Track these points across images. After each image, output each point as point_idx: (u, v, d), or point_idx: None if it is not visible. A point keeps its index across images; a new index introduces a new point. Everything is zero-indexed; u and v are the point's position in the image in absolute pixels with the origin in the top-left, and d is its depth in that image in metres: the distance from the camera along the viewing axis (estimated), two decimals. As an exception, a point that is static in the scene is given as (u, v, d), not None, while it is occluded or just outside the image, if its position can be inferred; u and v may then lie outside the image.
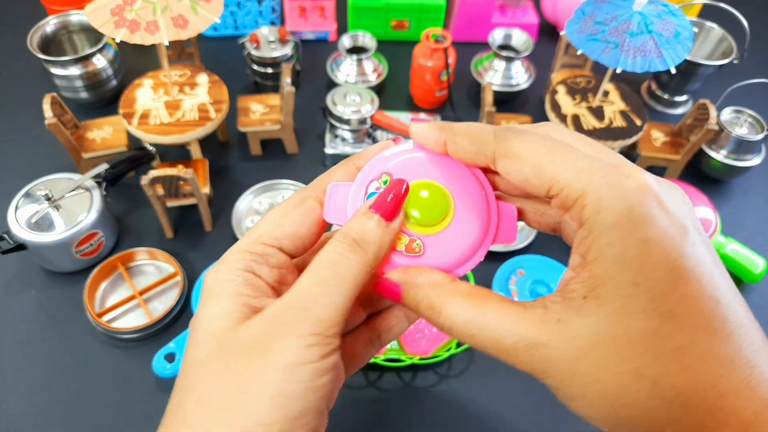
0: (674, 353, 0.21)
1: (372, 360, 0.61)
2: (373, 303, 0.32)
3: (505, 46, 0.92)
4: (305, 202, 0.29)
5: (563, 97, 0.77)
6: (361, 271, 0.26)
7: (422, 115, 0.85)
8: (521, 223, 0.31)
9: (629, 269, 0.22)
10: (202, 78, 0.76)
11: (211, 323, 0.25)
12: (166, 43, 0.63)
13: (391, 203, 0.27)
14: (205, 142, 0.81)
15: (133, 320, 0.66)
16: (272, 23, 1.01)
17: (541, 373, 0.24)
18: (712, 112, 0.74)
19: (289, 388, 0.23)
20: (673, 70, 0.64)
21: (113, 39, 0.87)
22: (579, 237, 0.24)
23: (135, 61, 0.96)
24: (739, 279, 0.71)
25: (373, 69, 0.93)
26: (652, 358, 0.21)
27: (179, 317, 0.66)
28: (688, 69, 0.87)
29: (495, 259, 0.72)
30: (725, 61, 0.84)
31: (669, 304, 0.21)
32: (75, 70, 0.82)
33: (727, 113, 0.81)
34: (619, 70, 0.65)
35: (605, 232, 0.23)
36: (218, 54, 0.97)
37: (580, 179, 0.23)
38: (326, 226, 0.30)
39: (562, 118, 0.74)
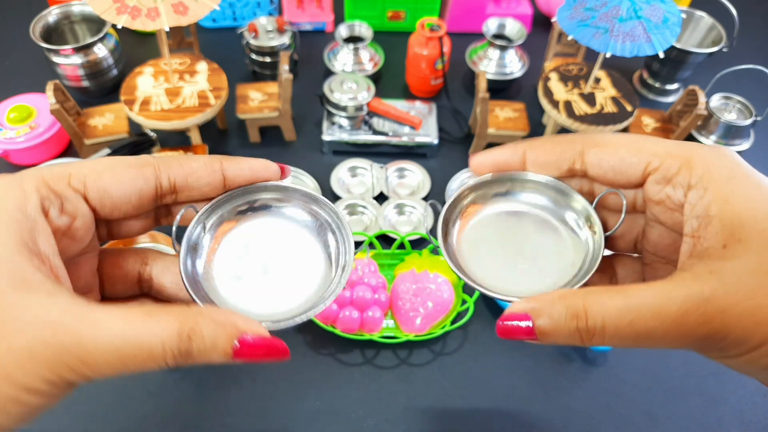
0: None
1: (368, 337, 0.62)
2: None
3: (499, 36, 0.93)
4: (143, 168, 0.27)
5: (556, 84, 0.78)
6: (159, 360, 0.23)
7: (417, 104, 0.86)
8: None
9: (761, 207, 0.23)
10: (202, 66, 0.78)
11: None
12: (167, 29, 0.65)
13: (257, 354, 0.25)
14: (205, 130, 0.83)
15: (135, 301, 0.68)
16: (270, 14, 1.03)
17: (720, 329, 0.22)
18: (701, 97, 0.75)
19: None
20: (662, 55, 0.65)
21: (114, 28, 0.89)
22: (692, 200, 0.25)
23: (135, 51, 0.97)
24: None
25: (370, 58, 0.94)
26: None
27: (180, 298, 0.68)
28: (678, 57, 0.88)
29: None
30: (715, 49, 0.86)
31: None
32: (76, 59, 0.83)
33: (716, 99, 0.83)
34: (608, 55, 0.67)
35: (724, 183, 0.24)
36: (217, 44, 0.99)
37: (680, 149, 0.25)
38: (150, 204, 0.28)
39: (555, 104, 0.76)
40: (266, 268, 0.31)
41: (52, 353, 0.22)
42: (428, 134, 0.83)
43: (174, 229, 0.30)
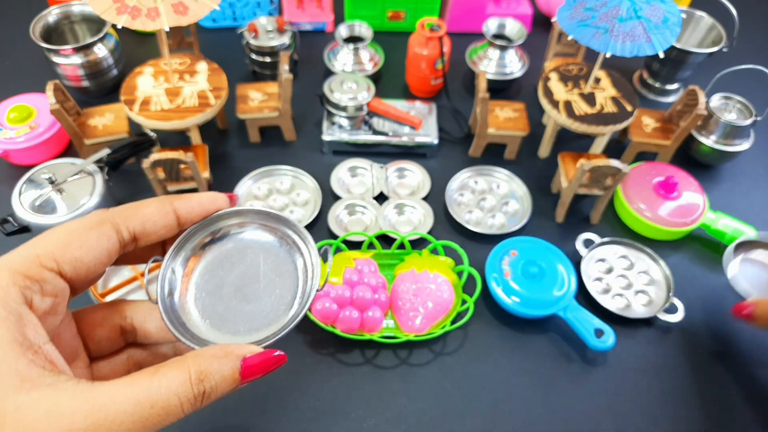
0: None
1: (368, 337, 0.62)
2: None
3: (499, 36, 0.93)
4: (101, 226, 0.27)
5: (555, 84, 0.78)
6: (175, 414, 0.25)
7: (417, 104, 0.86)
8: (515, 207, 0.33)
9: None
10: (202, 66, 0.78)
11: None
12: (167, 29, 0.65)
13: (262, 369, 0.27)
14: (205, 130, 0.83)
15: (135, 301, 0.68)
16: (270, 14, 1.03)
17: None
18: (701, 97, 0.75)
19: None
20: (662, 55, 0.65)
21: (114, 28, 0.89)
22: None
23: (135, 51, 0.97)
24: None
25: (370, 58, 0.94)
26: None
27: (180, 298, 0.68)
28: (678, 57, 0.88)
29: (488, 240, 0.73)
30: (715, 49, 0.86)
31: None
32: (76, 59, 0.83)
33: (716, 99, 0.83)
34: (608, 55, 0.67)
35: None
36: (217, 44, 0.99)
37: None
38: (115, 257, 0.29)
39: (555, 104, 0.76)
40: (241, 292, 0.32)
41: None
42: (428, 134, 0.83)
43: (145, 280, 0.31)
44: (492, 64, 0.92)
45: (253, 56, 0.91)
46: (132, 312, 0.32)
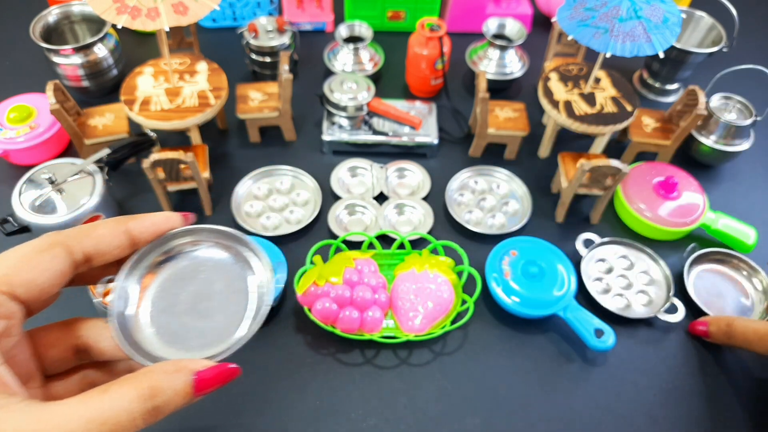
0: None
1: (368, 337, 0.62)
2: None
3: (499, 36, 0.93)
4: (53, 248, 0.28)
5: (555, 84, 0.78)
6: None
7: (417, 104, 0.86)
8: (515, 207, 0.33)
9: None
10: (202, 66, 0.78)
11: None
12: (167, 29, 0.65)
13: (215, 382, 0.28)
14: (205, 130, 0.83)
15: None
16: (270, 14, 1.03)
17: None
18: (701, 97, 0.75)
19: None
20: (662, 55, 0.65)
21: (114, 28, 0.89)
22: None
23: (135, 51, 0.97)
24: (734, 251, 0.74)
25: (370, 58, 0.94)
26: None
27: (180, 298, 0.68)
28: (678, 57, 0.88)
29: (488, 240, 0.73)
30: (715, 49, 0.86)
31: None
32: (76, 59, 0.83)
33: (716, 99, 0.83)
34: (608, 55, 0.67)
35: None
36: (217, 44, 0.99)
37: None
38: (69, 277, 0.29)
39: (555, 104, 0.76)
40: (194, 309, 0.33)
41: None
42: (428, 134, 0.83)
43: (96, 301, 0.31)
44: (492, 64, 0.92)
45: (253, 56, 0.91)
46: (86, 330, 0.32)
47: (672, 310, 0.68)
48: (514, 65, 0.93)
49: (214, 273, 0.34)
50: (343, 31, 0.93)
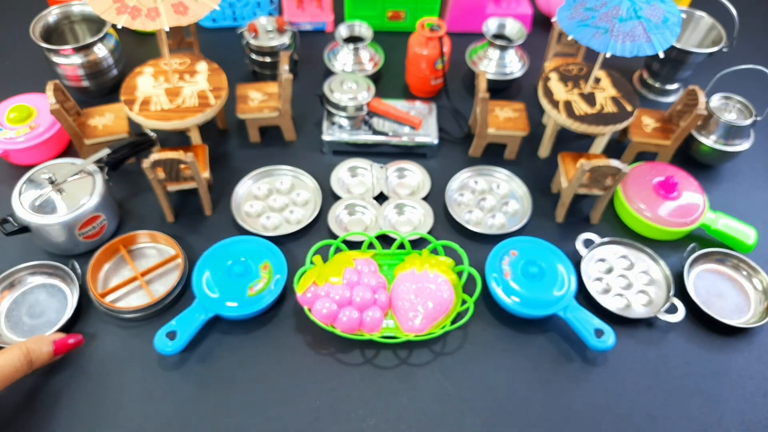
0: None
1: (368, 337, 0.62)
2: None
3: (499, 36, 0.93)
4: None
5: (556, 84, 0.78)
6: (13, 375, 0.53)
7: (417, 104, 0.86)
8: (515, 207, 0.33)
9: None
10: (202, 66, 0.78)
11: None
12: (167, 29, 0.65)
13: (67, 346, 0.58)
14: (205, 130, 0.83)
15: (134, 301, 0.68)
16: (270, 14, 1.03)
17: None
18: (701, 97, 0.75)
19: None
20: (662, 55, 0.65)
21: (114, 28, 0.89)
22: None
23: (135, 51, 0.97)
24: (734, 251, 0.74)
25: (370, 58, 0.94)
26: None
27: (180, 298, 0.68)
28: (678, 57, 0.88)
29: (488, 240, 0.73)
30: (715, 49, 0.86)
31: None
32: (76, 59, 0.83)
33: (716, 100, 0.83)
34: (608, 55, 0.67)
35: None
36: (217, 45, 0.99)
37: None
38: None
39: (555, 104, 0.76)
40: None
41: None
42: (428, 134, 0.83)
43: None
44: (492, 64, 0.92)
45: (253, 56, 0.91)
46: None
47: (672, 310, 0.68)
48: (514, 65, 0.93)
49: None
50: (343, 31, 0.93)
